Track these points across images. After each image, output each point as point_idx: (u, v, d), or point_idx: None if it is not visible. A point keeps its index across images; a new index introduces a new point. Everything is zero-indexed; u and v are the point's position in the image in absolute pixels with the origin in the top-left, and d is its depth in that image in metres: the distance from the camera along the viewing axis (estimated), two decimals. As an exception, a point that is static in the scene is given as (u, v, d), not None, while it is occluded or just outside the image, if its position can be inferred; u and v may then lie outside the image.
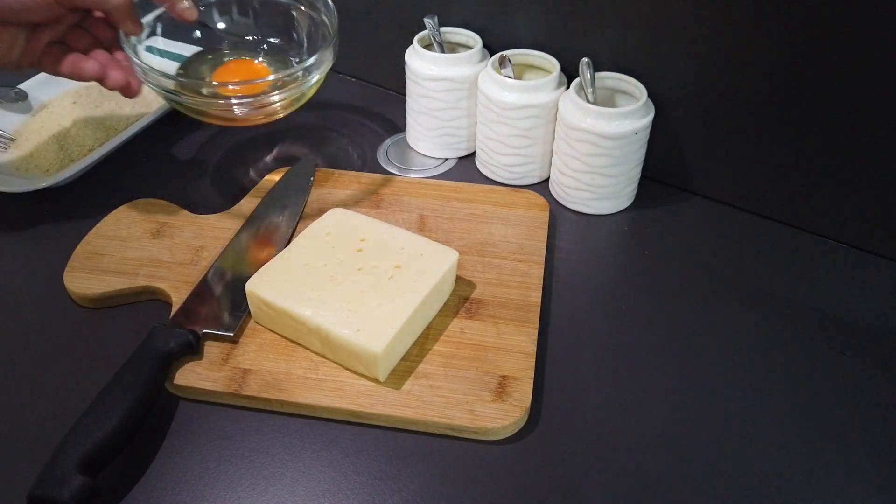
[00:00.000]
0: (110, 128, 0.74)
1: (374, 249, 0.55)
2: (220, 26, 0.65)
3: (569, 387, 0.52)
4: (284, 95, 0.58)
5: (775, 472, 0.47)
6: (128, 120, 0.75)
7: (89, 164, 0.67)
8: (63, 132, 0.73)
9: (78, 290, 0.56)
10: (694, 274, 0.61)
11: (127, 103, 0.77)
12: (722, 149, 0.65)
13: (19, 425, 0.49)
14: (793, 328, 0.56)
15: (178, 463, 0.47)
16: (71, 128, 0.73)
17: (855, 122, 0.57)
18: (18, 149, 0.72)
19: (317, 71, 0.58)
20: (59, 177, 0.65)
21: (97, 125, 0.74)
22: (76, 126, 0.73)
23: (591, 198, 0.66)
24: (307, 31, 0.64)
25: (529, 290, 0.57)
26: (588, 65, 0.61)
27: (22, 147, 0.72)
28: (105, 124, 0.75)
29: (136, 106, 0.77)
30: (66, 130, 0.73)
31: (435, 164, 0.73)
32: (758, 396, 0.51)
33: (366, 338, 0.48)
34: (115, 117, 0.76)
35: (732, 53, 0.60)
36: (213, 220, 0.63)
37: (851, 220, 0.62)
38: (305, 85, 0.58)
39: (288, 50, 0.65)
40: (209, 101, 0.57)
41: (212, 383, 0.50)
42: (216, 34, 0.65)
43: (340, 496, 0.45)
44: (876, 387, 0.52)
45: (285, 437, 0.48)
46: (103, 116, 0.75)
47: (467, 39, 0.71)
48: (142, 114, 0.76)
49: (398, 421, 0.49)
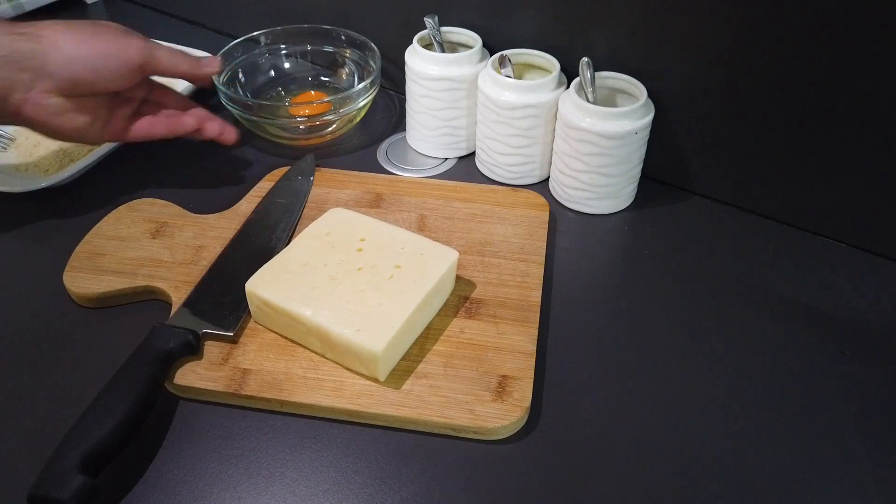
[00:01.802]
0: None
1: (373, 249, 0.55)
2: (286, 66, 0.83)
3: (569, 386, 0.52)
4: (338, 116, 0.73)
5: (775, 471, 0.47)
6: None
7: (89, 164, 0.67)
8: None
9: (78, 290, 0.56)
10: (693, 273, 0.61)
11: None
12: (722, 149, 0.65)
13: (19, 425, 0.49)
14: (793, 328, 0.56)
15: (178, 463, 0.47)
16: None
17: (855, 121, 0.57)
18: (18, 149, 0.72)
19: (363, 96, 0.73)
20: (59, 177, 0.65)
21: None
22: None
23: (591, 197, 0.66)
24: (355, 68, 0.81)
25: (529, 290, 0.57)
26: (588, 64, 0.61)
27: (22, 147, 0.72)
28: None
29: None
30: None
31: (435, 164, 0.73)
32: (758, 396, 0.51)
33: (366, 337, 0.48)
34: None
35: (732, 53, 0.60)
36: (212, 220, 0.63)
37: (851, 220, 0.62)
38: (354, 107, 0.73)
39: (339, 85, 0.83)
40: (282, 121, 0.73)
41: (212, 383, 0.50)
42: (285, 74, 0.84)
43: (340, 496, 0.45)
44: (876, 387, 0.52)
45: (285, 437, 0.48)
46: None
47: (467, 39, 0.71)
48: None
49: (398, 421, 0.49)
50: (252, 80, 0.81)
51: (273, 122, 0.73)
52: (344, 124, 0.76)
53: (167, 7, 1.00)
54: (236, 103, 0.72)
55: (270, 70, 0.82)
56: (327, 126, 0.74)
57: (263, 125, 0.73)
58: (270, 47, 0.82)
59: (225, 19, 0.94)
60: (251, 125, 0.74)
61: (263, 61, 0.82)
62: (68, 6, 1.00)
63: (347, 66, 0.82)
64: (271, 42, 0.82)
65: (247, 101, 0.75)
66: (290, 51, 0.83)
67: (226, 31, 0.94)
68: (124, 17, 1.00)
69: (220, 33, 0.95)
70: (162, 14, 1.00)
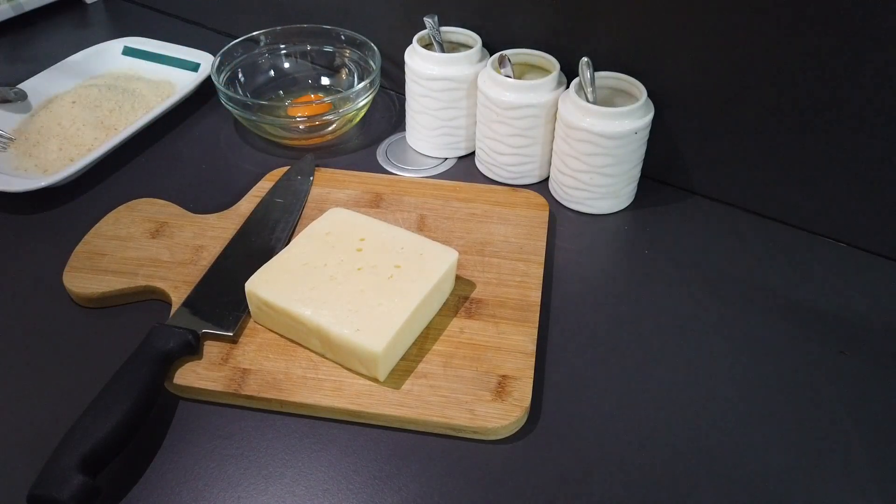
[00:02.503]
0: (109, 127, 0.74)
1: (373, 249, 0.55)
2: (286, 66, 0.83)
3: (568, 386, 0.52)
4: (338, 116, 0.73)
5: (775, 470, 0.47)
6: (127, 120, 0.75)
7: (89, 164, 0.67)
8: (62, 132, 0.73)
9: (78, 290, 0.56)
10: (693, 273, 0.61)
11: (126, 103, 0.77)
12: (722, 148, 0.65)
13: (19, 425, 0.49)
14: (793, 328, 0.56)
15: (177, 463, 0.47)
16: (70, 127, 0.73)
17: (855, 121, 0.57)
18: (18, 148, 0.72)
19: (363, 97, 0.73)
20: (59, 176, 0.65)
21: (96, 125, 0.74)
22: (76, 126, 0.73)
23: (591, 197, 0.66)
24: (354, 69, 0.81)
25: (529, 290, 0.57)
26: (588, 64, 0.61)
27: (21, 147, 0.72)
28: (104, 124, 0.74)
29: (136, 106, 0.77)
30: (65, 130, 0.73)
31: (434, 164, 0.73)
32: (758, 395, 0.51)
33: (365, 337, 0.48)
34: (115, 117, 0.75)
35: (732, 53, 0.60)
36: (212, 220, 0.63)
37: (851, 220, 0.62)
38: (353, 107, 0.73)
39: (338, 85, 0.83)
40: (282, 121, 0.73)
41: (211, 383, 0.50)
42: (284, 74, 0.84)
43: (340, 496, 0.45)
44: (876, 386, 0.52)
45: (285, 437, 0.48)
46: (102, 116, 0.75)
47: (467, 39, 0.71)
48: (141, 114, 0.76)
49: (398, 420, 0.49)
50: (252, 80, 0.81)
51: (273, 122, 0.73)
52: (344, 124, 0.76)
53: (167, 7, 1.00)
54: (236, 103, 0.72)
55: (270, 70, 0.82)
56: (327, 126, 0.74)
57: (263, 125, 0.73)
58: (270, 47, 0.82)
59: (225, 19, 0.94)
60: (251, 125, 0.74)
61: (263, 61, 0.82)
62: (68, 6, 1.00)
63: (347, 67, 0.82)
64: (271, 42, 0.82)
65: (246, 101, 0.75)
66: (289, 51, 0.83)
67: (226, 31, 0.94)
68: (124, 17, 1.00)
69: (219, 33, 0.95)
70: (162, 14, 1.00)
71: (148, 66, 0.85)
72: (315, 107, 0.76)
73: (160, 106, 0.75)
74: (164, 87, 0.82)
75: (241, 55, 0.79)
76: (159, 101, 0.78)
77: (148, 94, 0.80)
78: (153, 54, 0.86)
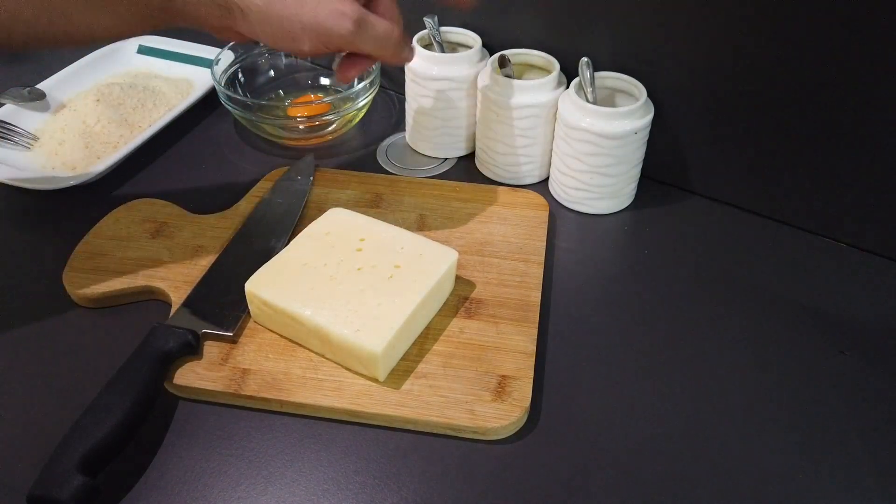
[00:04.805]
0: (133, 125, 0.75)
1: (373, 249, 0.55)
2: (286, 66, 0.83)
3: (568, 386, 0.52)
4: (338, 116, 0.73)
5: (775, 470, 0.47)
6: (150, 117, 0.76)
7: (118, 161, 0.68)
8: (88, 130, 0.73)
9: (78, 290, 0.56)
10: (693, 273, 0.61)
11: (148, 100, 0.78)
12: (722, 149, 0.65)
13: (19, 425, 0.49)
14: (793, 328, 0.56)
15: (177, 463, 0.47)
16: (96, 125, 0.74)
17: (855, 121, 0.57)
18: (43, 147, 0.72)
19: (363, 97, 0.73)
20: (88, 174, 0.66)
21: (120, 122, 0.75)
22: (101, 124, 0.74)
23: (591, 197, 0.65)
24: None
25: (529, 290, 0.57)
26: (588, 64, 0.61)
27: (47, 146, 0.72)
28: (128, 121, 0.75)
29: (157, 103, 0.78)
30: (90, 128, 0.74)
31: (434, 164, 0.73)
32: (758, 395, 0.51)
33: (365, 337, 0.48)
34: (138, 115, 0.76)
35: (732, 53, 0.60)
36: (212, 220, 0.63)
37: (851, 220, 0.62)
38: (353, 107, 0.73)
39: (338, 85, 0.82)
40: (282, 121, 0.74)
41: (211, 383, 0.50)
42: (284, 74, 0.84)
43: (340, 496, 0.45)
44: (876, 386, 0.52)
45: (285, 437, 0.48)
46: (126, 114, 0.76)
47: (467, 39, 0.71)
48: (163, 111, 0.77)
49: (398, 420, 0.49)
50: (252, 81, 0.81)
51: (272, 122, 0.73)
52: (343, 124, 0.76)
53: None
54: (236, 103, 0.72)
55: (270, 70, 0.83)
56: (327, 126, 0.75)
57: (263, 125, 0.73)
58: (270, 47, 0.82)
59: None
60: (251, 125, 0.74)
61: (263, 61, 0.82)
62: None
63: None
64: None
65: (246, 101, 0.75)
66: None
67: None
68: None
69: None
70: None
71: (164, 63, 0.86)
72: (315, 107, 0.76)
73: (184, 102, 0.77)
74: (183, 84, 0.83)
75: (241, 55, 0.79)
76: (180, 98, 0.79)
77: (168, 92, 0.81)
78: (168, 52, 0.87)
